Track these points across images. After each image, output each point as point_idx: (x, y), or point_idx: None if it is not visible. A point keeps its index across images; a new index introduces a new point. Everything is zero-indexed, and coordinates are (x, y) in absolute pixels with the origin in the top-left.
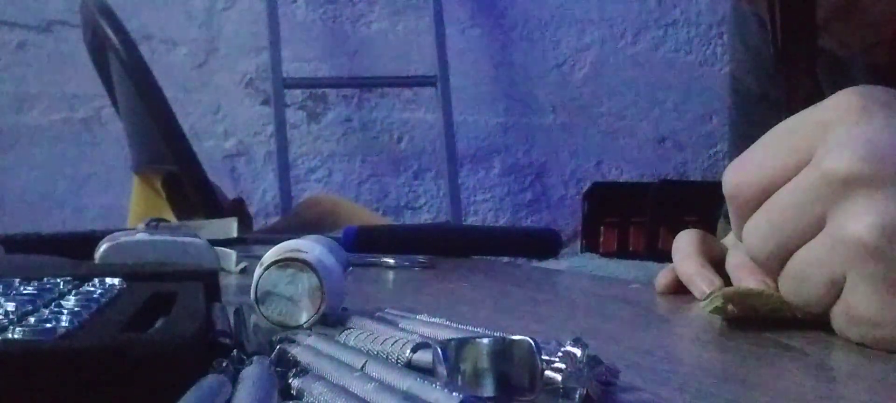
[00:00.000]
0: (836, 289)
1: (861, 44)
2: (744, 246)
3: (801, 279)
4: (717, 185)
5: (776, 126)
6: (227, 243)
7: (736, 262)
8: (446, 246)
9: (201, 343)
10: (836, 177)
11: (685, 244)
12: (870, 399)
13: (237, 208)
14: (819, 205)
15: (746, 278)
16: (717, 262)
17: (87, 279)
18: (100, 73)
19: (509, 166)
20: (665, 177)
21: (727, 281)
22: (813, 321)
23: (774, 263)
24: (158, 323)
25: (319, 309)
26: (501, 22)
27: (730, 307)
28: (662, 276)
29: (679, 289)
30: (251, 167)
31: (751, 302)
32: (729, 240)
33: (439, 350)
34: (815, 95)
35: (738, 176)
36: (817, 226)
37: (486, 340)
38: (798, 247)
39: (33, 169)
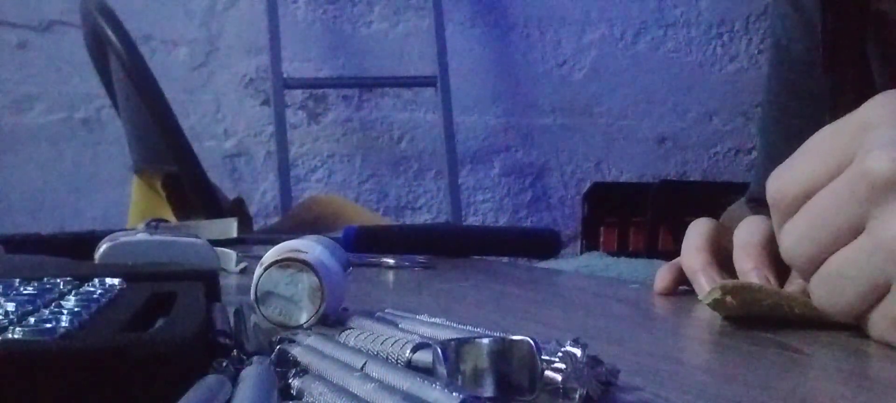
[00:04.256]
0: (876, 294)
1: None
2: (780, 250)
3: (837, 282)
4: (718, 185)
5: (815, 134)
6: (227, 243)
7: (739, 244)
8: (446, 246)
9: (201, 343)
10: (877, 178)
11: (695, 236)
12: (870, 398)
13: (237, 208)
14: (858, 207)
15: (745, 261)
16: (728, 256)
17: (87, 279)
18: (100, 73)
19: (509, 166)
20: (665, 177)
21: (734, 279)
22: (813, 321)
23: (810, 266)
24: (158, 323)
25: (319, 309)
26: (501, 22)
27: (728, 299)
28: (661, 278)
29: (678, 291)
30: (251, 167)
31: (749, 296)
32: (737, 233)
33: (439, 350)
34: (864, 87)
35: (780, 180)
36: (856, 229)
37: (486, 340)
38: (835, 250)
39: (33, 169)
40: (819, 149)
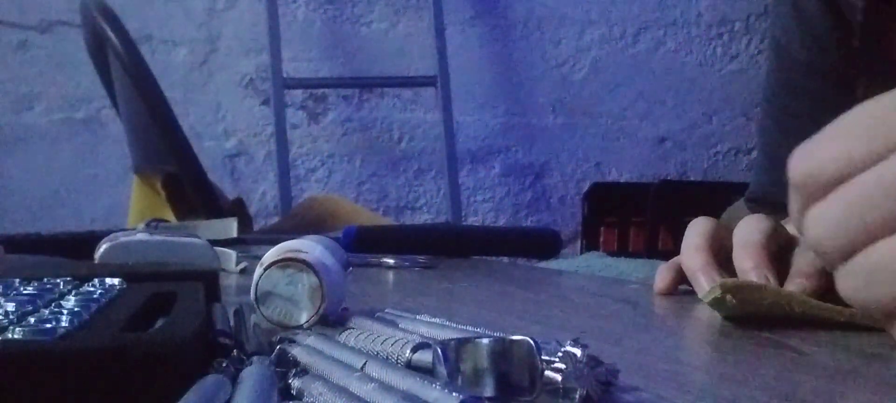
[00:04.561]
0: None
1: None
2: (805, 237)
3: (873, 276)
4: (718, 185)
5: (851, 110)
6: (227, 243)
7: (739, 243)
8: (446, 246)
9: (201, 343)
10: None
11: (695, 235)
12: (870, 398)
13: (237, 208)
14: None
15: (745, 260)
16: (727, 255)
17: (87, 279)
18: (100, 73)
19: (509, 166)
20: (665, 177)
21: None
22: (813, 320)
23: (841, 255)
24: (158, 323)
25: (319, 309)
26: (501, 22)
27: (729, 298)
28: (661, 277)
29: (677, 291)
30: (251, 167)
31: (750, 294)
32: (737, 232)
33: (439, 350)
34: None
35: (810, 162)
36: None
37: (486, 340)
38: (872, 241)
39: (33, 169)
40: (857, 128)
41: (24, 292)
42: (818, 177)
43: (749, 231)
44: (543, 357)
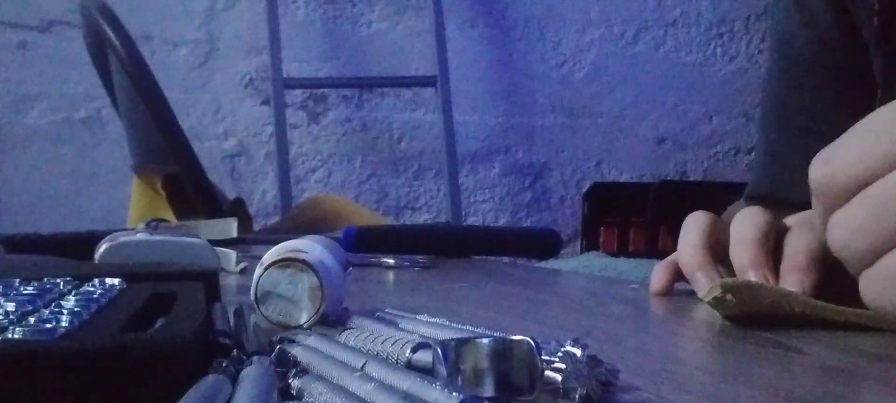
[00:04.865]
0: None
1: None
2: (829, 242)
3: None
4: (717, 185)
5: (870, 115)
6: (227, 243)
7: (736, 239)
8: (446, 246)
9: (201, 343)
10: None
11: (692, 232)
12: (870, 398)
13: (237, 208)
14: None
15: (742, 258)
16: (725, 250)
17: (87, 279)
18: (100, 73)
19: (509, 166)
20: (665, 177)
21: (732, 275)
22: (813, 320)
23: (866, 260)
24: (158, 323)
25: (319, 309)
26: (501, 22)
27: (729, 297)
28: (657, 278)
29: (675, 291)
30: (251, 167)
31: (750, 294)
32: (734, 227)
33: (439, 350)
34: None
35: (831, 166)
36: None
37: (486, 340)
38: None
39: (33, 169)
40: (875, 132)
41: (24, 292)
42: (839, 183)
43: (746, 226)
44: (543, 357)
